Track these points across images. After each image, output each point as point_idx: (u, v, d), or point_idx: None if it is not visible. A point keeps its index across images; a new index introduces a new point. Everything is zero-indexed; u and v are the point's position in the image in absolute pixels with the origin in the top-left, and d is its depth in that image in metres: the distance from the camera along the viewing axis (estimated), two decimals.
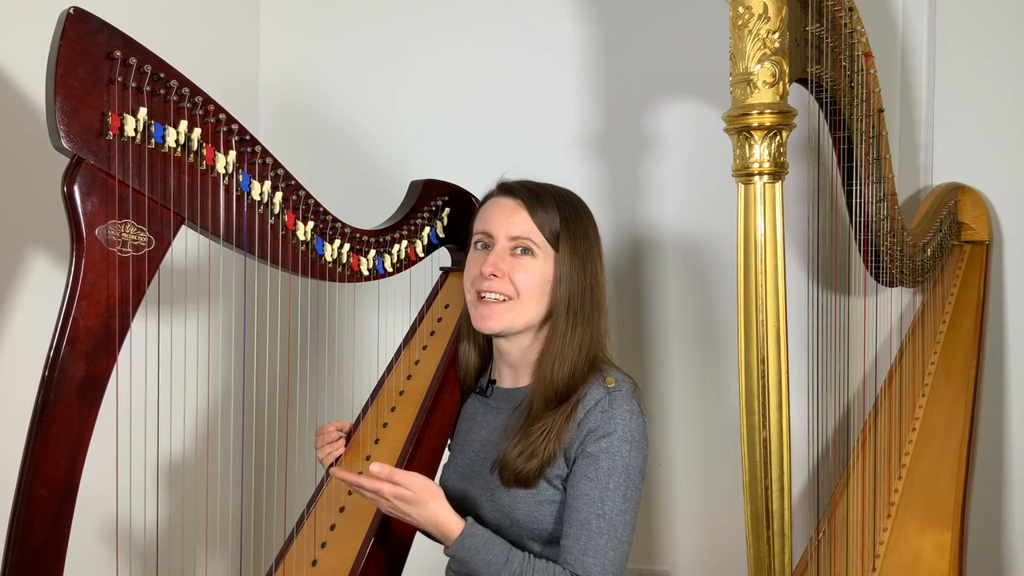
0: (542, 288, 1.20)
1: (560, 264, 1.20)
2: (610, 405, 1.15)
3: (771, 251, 1.19)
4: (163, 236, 1.01)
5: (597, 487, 1.12)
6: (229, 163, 1.07)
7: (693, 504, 1.82)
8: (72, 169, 0.94)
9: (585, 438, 1.14)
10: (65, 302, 0.94)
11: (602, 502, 1.11)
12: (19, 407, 1.02)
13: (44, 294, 1.44)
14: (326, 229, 1.21)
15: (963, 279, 1.66)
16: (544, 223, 1.20)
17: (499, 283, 1.19)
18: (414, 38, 1.97)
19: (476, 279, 1.22)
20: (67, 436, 0.94)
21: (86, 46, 0.93)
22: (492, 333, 1.23)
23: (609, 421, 1.14)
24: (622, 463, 1.13)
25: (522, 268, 1.20)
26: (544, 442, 1.15)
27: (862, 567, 1.37)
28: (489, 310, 1.20)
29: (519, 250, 1.21)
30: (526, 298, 1.20)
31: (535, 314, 1.21)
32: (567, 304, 1.20)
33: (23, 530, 0.92)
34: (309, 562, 1.22)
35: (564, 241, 1.20)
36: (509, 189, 1.24)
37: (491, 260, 1.20)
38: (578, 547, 1.11)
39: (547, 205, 1.21)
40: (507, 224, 1.21)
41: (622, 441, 1.13)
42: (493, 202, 1.25)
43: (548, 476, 1.16)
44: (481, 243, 1.25)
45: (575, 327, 1.19)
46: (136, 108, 0.97)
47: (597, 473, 1.12)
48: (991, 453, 1.66)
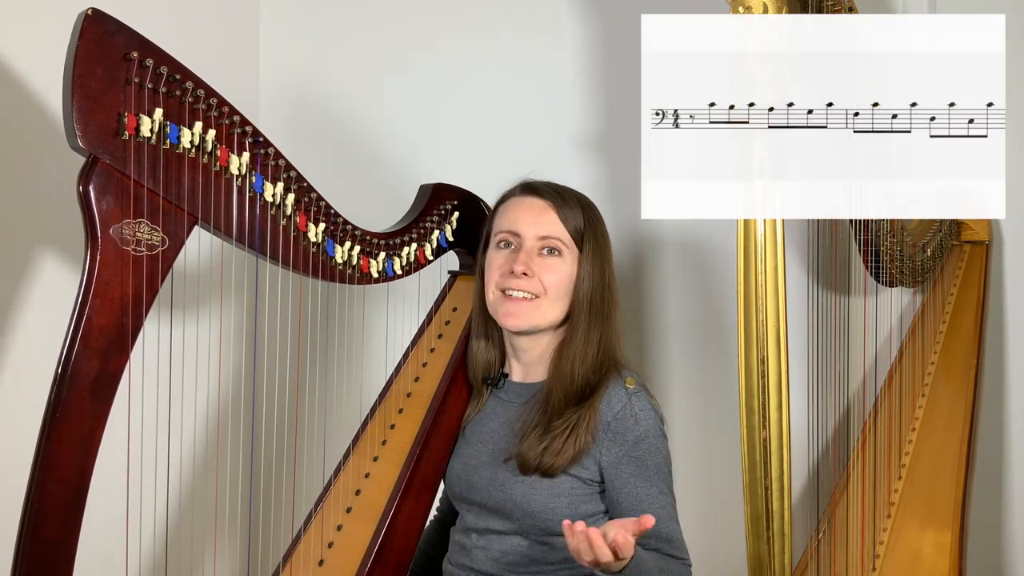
0: (567, 288, 1.23)
1: (583, 264, 1.24)
2: (636, 408, 1.19)
3: (771, 251, 1.20)
4: (177, 236, 1.02)
5: (654, 484, 1.19)
6: (243, 164, 1.09)
7: (693, 504, 1.82)
8: (88, 168, 0.95)
9: (621, 443, 1.18)
10: (79, 300, 0.95)
11: (662, 494, 1.19)
12: (32, 404, 1.03)
13: (57, 292, 1.45)
14: (337, 231, 1.22)
15: (963, 279, 1.66)
16: (570, 223, 1.24)
17: (528, 282, 1.22)
18: (415, 38, 1.98)
19: (505, 277, 1.24)
20: (79, 433, 0.95)
21: (103, 47, 0.94)
22: (518, 331, 1.25)
23: (642, 423, 1.19)
24: (663, 456, 1.21)
25: (550, 268, 1.23)
26: (572, 437, 1.18)
27: (862, 567, 1.37)
28: (517, 307, 1.22)
29: (546, 250, 1.23)
30: (553, 297, 1.23)
31: (560, 313, 1.24)
32: (588, 303, 1.23)
33: (35, 525, 0.93)
34: (316, 562, 1.23)
35: (587, 241, 1.24)
36: (535, 189, 1.27)
37: (522, 259, 1.22)
38: (662, 540, 1.16)
39: (572, 206, 1.25)
40: (536, 224, 1.24)
41: (657, 437, 1.21)
42: (517, 201, 1.27)
43: (570, 471, 1.19)
44: (505, 242, 1.26)
45: (595, 325, 1.23)
46: (152, 109, 0.99)
47: (648, 473, 1.19)
48: (991, 453, 1.67)
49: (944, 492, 1.42)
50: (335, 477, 1.30)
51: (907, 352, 1.63)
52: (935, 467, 1.46)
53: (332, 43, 2.03)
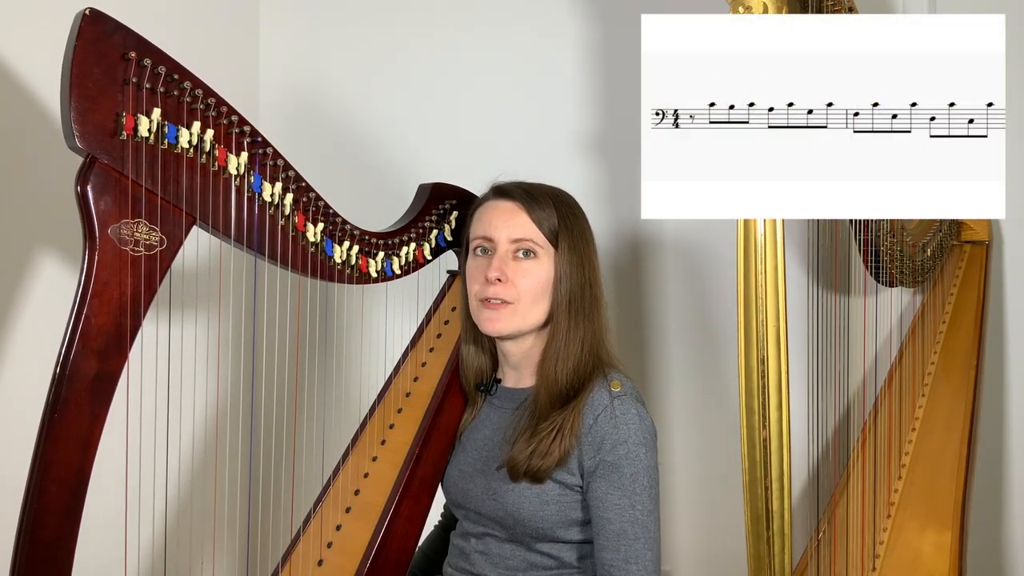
0: (545, 289, 1.21)
1: (560, 263, 1.21)
2: (617, 411, 1.15)
3: (771, 251, 1.20)
4: (175, 236, 1.02)
5: (626, 495, 1.13)
6: (241, 164, 1.08)
7: (693, 504, 1.83)
8: (86, 168, 0.94)
9: (600, 447, 1.15)
10: (77, 300, 0.94)
11: (633, 508, 1.13)
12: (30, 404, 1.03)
13: (55, 292, 1.45)
14: (335, 231, 1.22)
15: (963, 279, 1.66)
16: (543, 222, 1.21)
17: (503, 288, 1.20)
18: (415, 38, 1.98)
19: (482, 285, 1.22)
20: (78, 433, 0.95)
21: (101, 47, 0.94)
22: (499, 336, 1.24)
23: (621, 427, 1.15)
24: (643, 466, 1.14)
25: (525, 272, 1.21)
26: (558, 439, 1.15)
27: (862, 567, 1.37)
28: (495, 313, 1.21)
29: (521, 252, 1.21)
30: (531, 301, 1.21)
31: (540, 315, 1.22)
32: (568, 302, 1.21)
33: (33, 525, 0.93)
34: (315, 562, 1.22)
35: (563, 239, 1.22)
36: (505, 192, 1.25)
37: (495, 265, 1.20)
38: (619, 557, 1.12)
39: (544, 204, 1.22)
40: (507, 227, 1.22)
41: (638, 445, 1.14)
42: (490, 206, 1.25)
43: (556, 476, 1.17)
44: (481, 248, 1.25)
45: (577, 325, 1.21)
46: (150, 109, 0.98)
47: (622, 481, 1.13)
48: (991, 453, 1.67)
49: (944, 492, 1.42)
50: (334, 477, 1.30)
51: (907, 352, 1.63)
52: (935, 467, 1.46)
53: (332, 43, 2.03)
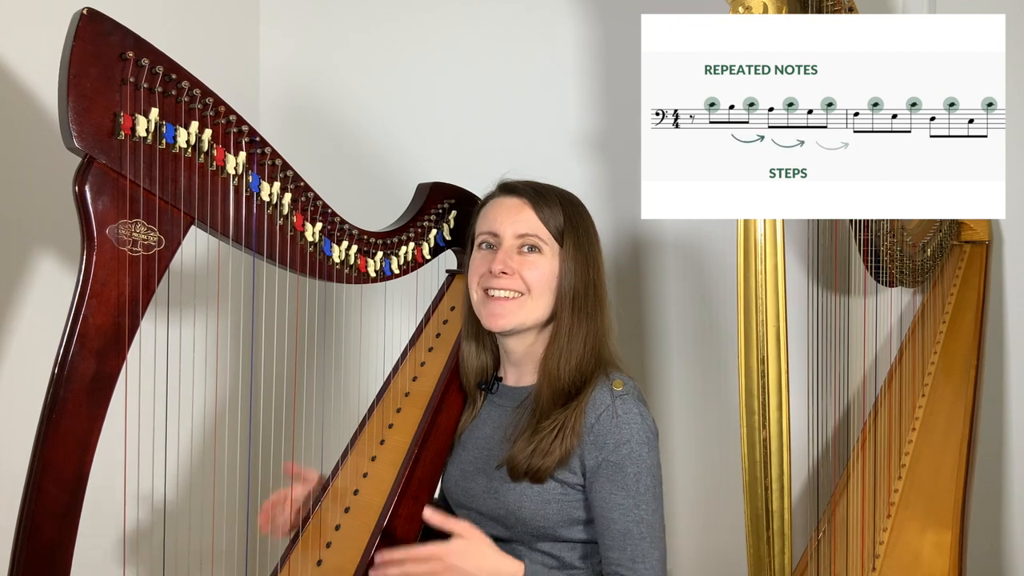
0: (549, 284, 1.21)
1: (564, 261, 1.22)
2: (619, 411, 1.16)
3: (771, 251, 1.20)
4: (173, 236, 1.02)
5: (630, 495, 1.13)
6: (239, 164, 1.08)
7: (693, 504, 1.83)
8: (84, 169, 0.94)
9: (602, 447, 1.15)
10: (75, 300, 0.94)
11: (637, 507, 1.13)
12: (28, 404, 1.03)
13: (53, 293, 1.44)
14: (334, 231, 1.22)
15: (963, 279, 1.66)
16: (549, 220, 1.22)
17: (509, 280, 1.20)
18: (415, 38, 1.98)
19: (484, 277, 1.22)
20: (76, 433, 0.95)
21: (99, 47, 0.94)
22: (502, 331, 1.24)
23: (623, 427, 1.15)
24: (646, 465, 1.14)
25: (531, 265, 1.21)
26: (560, 438, 1.16)
27: (862, 567, 1.37)
28: (499, 307, 1.21)
29: (526, 248, 1.22)
30: (536, 294, 1.21)
31: (544, 310, 1.22)
32: (572, 300, 1.21)
33: (32, 526, 0.93)
34: (314, 562, 1.22)
35: (568, 237, 1.22)
36: (512, 188, 1.26)
37: (500, 258, 1.21)
38: (626, 556, 1.12)
39: (551, 203, 1.23)
40: (514, 222, 1.22)
41: (641, 444, 1.15)
42: (496, 202, 1.26)
43: (557, 475, 1.17)
44: (486, 243, 1.26)
45: (580, 323, 1.21)
46: (148, 108, 0.98)
47: (626, 481, 1.14)
48: (991, 453, 1.67)
49: (944, 492, 1.42)
50: (333, 477, 1.30)
51: (907, 352, 1.63)
52: (935, 467, 1.46)
53: (331, 43, 2.03)
